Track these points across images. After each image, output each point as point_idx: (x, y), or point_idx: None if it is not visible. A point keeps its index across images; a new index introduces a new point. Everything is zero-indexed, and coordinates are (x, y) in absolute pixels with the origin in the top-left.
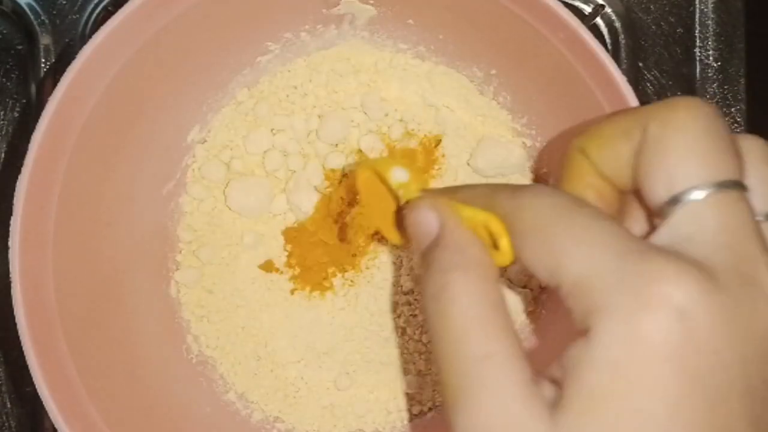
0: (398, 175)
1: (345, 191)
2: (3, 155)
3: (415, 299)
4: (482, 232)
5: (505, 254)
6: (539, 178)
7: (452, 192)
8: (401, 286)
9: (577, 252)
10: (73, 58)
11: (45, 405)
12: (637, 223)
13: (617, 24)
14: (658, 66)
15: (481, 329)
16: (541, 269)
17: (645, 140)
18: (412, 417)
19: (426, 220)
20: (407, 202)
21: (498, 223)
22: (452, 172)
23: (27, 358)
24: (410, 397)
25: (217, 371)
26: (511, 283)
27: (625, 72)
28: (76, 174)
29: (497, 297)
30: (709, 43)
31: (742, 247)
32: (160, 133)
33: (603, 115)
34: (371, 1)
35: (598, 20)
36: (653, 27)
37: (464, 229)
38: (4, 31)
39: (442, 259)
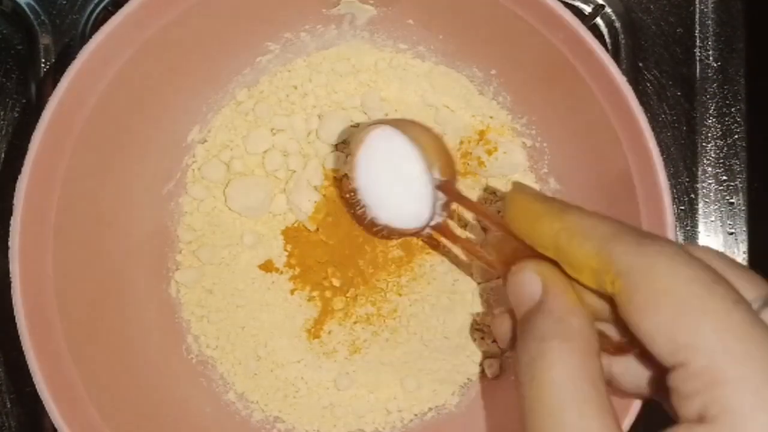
0: None
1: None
2: (3, 155)
3: (416, 300)
4: (589, 275)
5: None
6: (539, 179)
7: (561, 212)
8: (402, 286)
9: (713, 337)
10: (73, 58)
11: (45, 405)
12: None
13: (617, 24)
14: (658, 66)
15: (576, 406)
16: (663, 343)
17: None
18: (412, 417)
19: (529, 283)
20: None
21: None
22: None
23: (27, 358)
24: (410, 397)
25: (217, 371)
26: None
27: (625, 72)
28: (76, 174)
29: (597, 373)
30: (709, 43)
31: None
32: (160, 133)
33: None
34: (371, 1)
35: (598, 20)
36: (653, 27)
37: (568, 297)
38: (4, 31)
39: (541, 325)
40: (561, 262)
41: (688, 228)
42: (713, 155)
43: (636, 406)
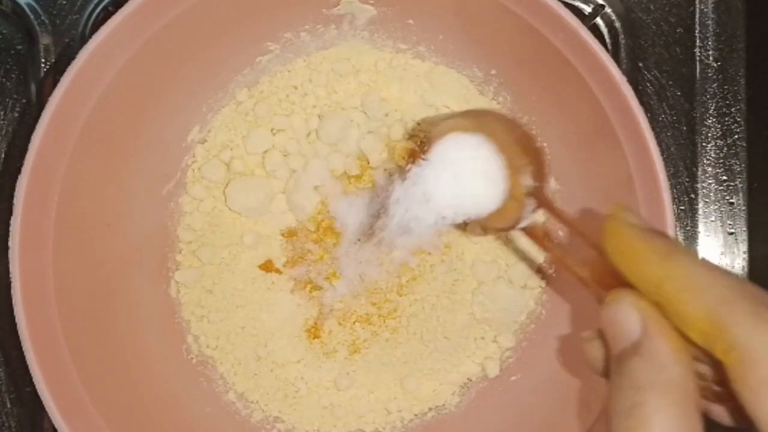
0: None
1: None
2: (3, 155)
3: (416, 300)
4: (696, 333)
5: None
6: None
7: (668, 257)
8: (402, 286)
9: None
10: (73, 58)
11: (45, 405)
12: None
13: (617, 24)
14: (658, 66)
15: None
16: None
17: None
18: (412, 417)
19: (627, 320)
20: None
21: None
22: None
23: (27, 358)
24: (410, 397)
25: (217, 371)
26: (511, 284)
27: (625, 72)
28: (76, 174)
29: (696, 428)
30: (709, 43)
31: None
32: (160, 133)
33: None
34: (371, 1)
35: (598, 20)
36: (653, 27)
37: (670, 342)
38: (4, 31)
39: (639, 372)
40: (664, 310)
41: (688, 228)
42: (713, 155)
43: None
